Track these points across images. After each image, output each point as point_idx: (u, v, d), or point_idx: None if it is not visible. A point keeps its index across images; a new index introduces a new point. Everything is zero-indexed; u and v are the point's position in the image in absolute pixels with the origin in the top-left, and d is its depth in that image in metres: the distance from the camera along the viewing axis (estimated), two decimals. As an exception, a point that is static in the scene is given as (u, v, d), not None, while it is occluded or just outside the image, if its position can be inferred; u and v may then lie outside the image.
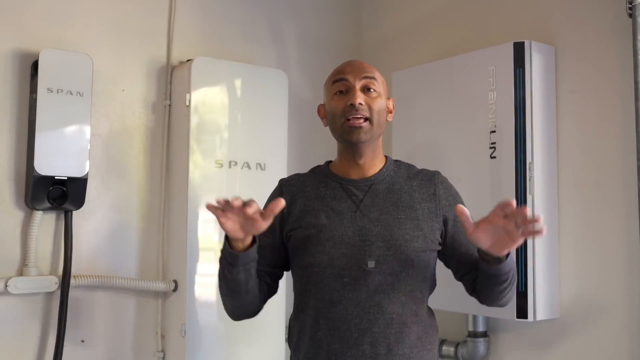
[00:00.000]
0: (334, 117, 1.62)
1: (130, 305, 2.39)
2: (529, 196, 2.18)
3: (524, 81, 2.21)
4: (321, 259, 1.57)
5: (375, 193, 1.62)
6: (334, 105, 1.63)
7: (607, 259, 2.14)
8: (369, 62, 2.97)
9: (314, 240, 1.59)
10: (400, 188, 1.64)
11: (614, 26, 2.14)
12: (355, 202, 1.61)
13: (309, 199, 1.64)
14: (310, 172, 1.73)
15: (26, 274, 2.15)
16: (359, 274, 1.55)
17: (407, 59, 2.81)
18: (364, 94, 1.60)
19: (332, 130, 1.67)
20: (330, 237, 1.58)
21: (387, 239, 1.57)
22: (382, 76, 1.69)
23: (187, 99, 2.39)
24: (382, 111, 1.63)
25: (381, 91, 1.64)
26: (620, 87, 2.13)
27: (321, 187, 1.65)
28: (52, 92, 2.15)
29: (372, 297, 1.55)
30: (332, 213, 1.60)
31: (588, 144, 2.21)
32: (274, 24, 2.82)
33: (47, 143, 2.14)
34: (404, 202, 1.62)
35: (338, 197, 1.62)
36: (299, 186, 1.68)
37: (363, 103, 1.58)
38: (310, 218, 1.62)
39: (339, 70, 1.67)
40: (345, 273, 1.55)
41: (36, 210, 2.17)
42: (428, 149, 2.50)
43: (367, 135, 1.59)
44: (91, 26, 2.36)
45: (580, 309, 2.20)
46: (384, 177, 1.65)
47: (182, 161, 2.40)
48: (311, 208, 1.63)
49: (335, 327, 1.55)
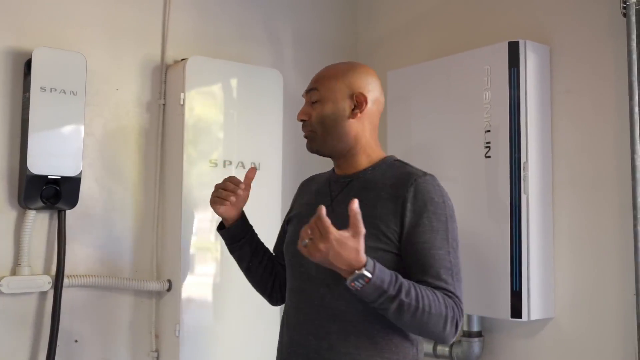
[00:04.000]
0: None
1: (124, 304, 2.38)
2: (523, 196, 2.18)
3: (519, 81, 2.21)
4: (290, 248, 1.67)
5: (350, 190, 1.62)
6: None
7: (602, 258, 2.14)
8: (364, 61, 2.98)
9: (291, 231, 1.71)
10: (373, 186, 1.58)
11: (608, 26, 2.14)
12: (330, 197, 1.65)
13: (308, 193, 1.76)
14: (324, 171, 1.82)
15: (19, 273, 2.14)
16: (309, 266, 1.54)
17: (403, 58, 2.81)
18: (309, 106, 1.67)
19: None
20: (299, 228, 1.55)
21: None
22: (339, 75, 1.63)
23: (182, 99, 2.38)
24: (328, 117, 1.61)
25: (325, 96, 1.62)
26: (614, 86, 2.13)
27: (320, 183, 1.75)
28: (45, 91, 2.14)
29: (317, 289, 1.57)
30: (308, 207, 1.66)
31: (583, 143, 2.21)
32: (270, 23, 2.82)
33: (40, 142, 2.13)
34: (370, 200, 1.54)
35: (322, 192, 1.70)
36: (308, 185, 1.82)
37: (306, 118, 1.66)
38: (295, 211, 1.77)
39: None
40: (302, 263, 1.59)
41: (29, 209, 2.16)
42: (423, 148, 2.49)
43: (315, 143, 1.66)
44: (85, 25, 2.35)
45: (575, 308, 2.20)
46: (365, 175, 1.62)
47: (176, 160, 2.40)
48: (301, 202, 1.77)
49: (290, 314, 1.66)
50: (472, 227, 2.29)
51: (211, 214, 2.15)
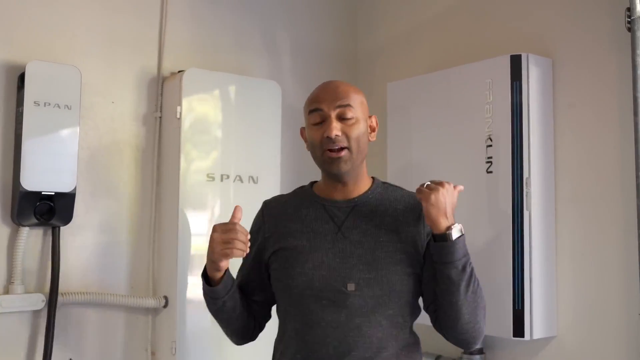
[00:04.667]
0: (314, 147, 1.59)
1: (120, 321, 2.34)
2: (525, 212, 2.14)
3: (521, 94, 2.17)
4: (300, 280, 1.54)
5: (357, 214, 1.59)
6: (312, 135, 1.59)
7: (605, 276, 2.10)
8: (363, 72, 3.00)
9: (294, 261, 1.57)
10: (384, 210, 1.61)
11: (612, 39, 2.10)
12: (336, 224, 1.58)
13: (290, 220, 1.62)
14: (293, 194, 1.71)
15: (12, 291, 2.11)
16: (338, 296, 1.52)
17: (403, 70, 2.77)
18: (341, 122, 1.56)
19: (313, 157, 1.63)
20: (310, 258, 1.55)
21: (369, 262, 1.53)
22: (360, 95, 1.63)
23: (178, 112, 2.34)
24: (362, 136, 1.58)
25: (359, 115, 1.58)
26: (618, 101, 2.09)
27: (303, 208, 1.62)
28: (39, 105, 2.11)
29: (352, 319, 1.51)
30: (312, 234, 1.57)
31: (586, 158, 2.17)
32: (268, 34, 2.78)
33: (33, 158, 2.10)
34: (387, 224, 1.58)
35: (320, 218, 1.59)
36: (281, 208, 1.66)
37: (339, 134, 1.54)
38: (290, 240, 1.59)
39: (314, 98, 1.62)
40: (324, 295, 1.52)
41: (22, 226, 2.12)
42: (423, 161, 2.45)
43: (347, 165, 1.56)
44: (80, 37, 2.32)
45: (578, 326, 2.16)
46: (368, 199, 1.62)
47: (173, 174, 2.36)
48: (292, 230, 1.60)
49: (314, 349, 1.52)
50: (473, 244, 2.22)
51: (208, 229, 2.11)
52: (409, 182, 2.45)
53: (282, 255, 1.59)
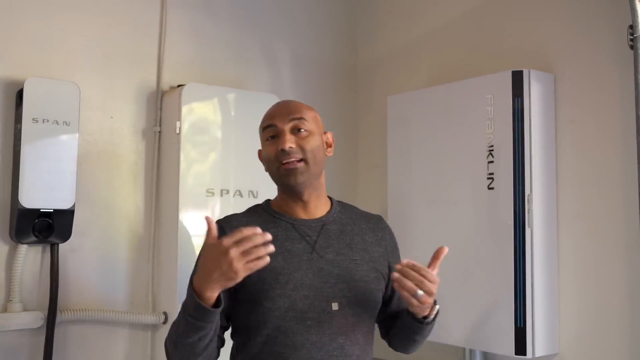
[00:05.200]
0: (270, 162, 1.59)
1: (119, 338, 2.33)
2: (527, 229, 2.13)
3: (523, 110, 2.16)
4: (281, 302, 1.49)
5: (328, 234, 1.58)
6: (267, 151, 1.59)
7: (608, 293, 2.09)
8: (363, 85, 2.99)
9: (272, 282, 1.49)
10: (351, 230, 1.62)
11: (614, 57, 2.09)
12: (309, 243, 1.56)
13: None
14: (251, 212, 1.64)
15: (11, 310, 2.09)
16: (323, 316, 1.51)
17: (403, 83, 2.76)
18: (295, 135, 1.56)
19: (270, 175, 1.62)
20: (290, 279, 1.51)
21: (348, 281, 1.54)
22: (313, 112, 1.63)
23: (178, 127, 2.33)
24: (317, 149, 1.57)
25: (312, 128, 1.58)
26: (620, 117, 2.08)
27: (271, 227, 1.53)
28: (37, 122, 2.09)
29: (335, 339, 1.51)
30: (287, 254, 1.53)
31: (588, 175, 2.16)
32: (267, 47, 2.76)
33: (32, 175, 2.08)
34: (357, 244, 1.61)
35: (291, 237, 1.56)
36: (245, 227, 1.50)
37: (293, 146, 1.54)
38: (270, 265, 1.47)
39: (267, 115, 1.62)
40: (309, 316, 1.50)
41: (21, 243, 2.11)
42: (423, 178, 2.44)
43: (303, 175, 1.55)
44: (78, 52, 2.30)
45: (581, 344, 2.15)
46: (335, 218, 1.62)
47: (172, 189, 2.35)
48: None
49: None
50: (475, 261, 2.24)
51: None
52: (410, 197, 2.47)
53: (257, 277, 1.45)
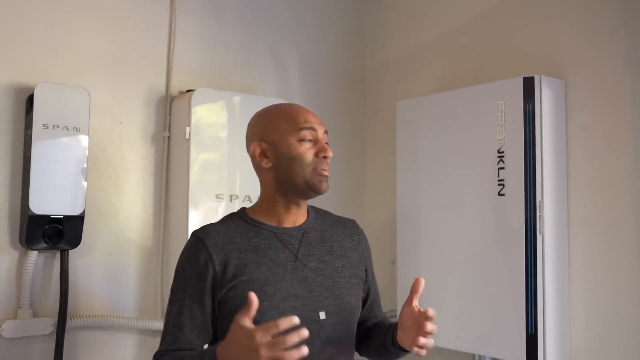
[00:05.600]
0: (302, 164, 1.52)
1: (129, 344, 2.33)
2: (538, 236, 2.12)
3: (534, 117, 2.15)
4: (271, 314, 1.42)
5: (309, 241, 1.57)
6: (302, 151, 1.52)
7: (619, 300, 2.09)
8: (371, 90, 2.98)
9: (260, 295, 1.40)
10: (330, 236, 1.61)
11: (626, 62, 2.08)
12: (292, 252, 1.53)
13: (242, 251, 1.49)
14: (229, 221, 1.57)
15: (20, 316, 2.09)
16: (312, 326, 1.43)
17: (411, 88, 2.75)
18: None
19: (287, 174, 1.53)
20: (277, 289, 1.47)
21: (332, 289, 1.53)
22: None
23: (187, 133, 2.32)
24: None
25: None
26: (631, 124, 2.08)
27: (252, 237, 1.51)
28: (47, 128, 2.09)
29: (324, 349, 1.49)
30: (272, 264, 1.49)
31: (599, 181, 2.15)
32: (275, 53, 2.76)
33: (42, 181, 2.08)
34: (337, 250, 1.60)
35: (274, 247, 1.52)
36: (225, 237, 1.50)
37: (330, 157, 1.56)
38: (249, 271, 1.47)
39: (304, 116, 1.56)
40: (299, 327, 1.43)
41: (31, 250, 2.10)
42: (432, 184, 2.44)
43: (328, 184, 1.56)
44: (88, 57, 2.29)
45: (592, 350, 2.14)
46: (314, 225, 1.61)
47: (181, 195, 2.34)
48: (248, 261, 1.48)
49: None
50: (485, 268, 2.24)
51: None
52: (419, 202, 2.47)
53: (243, 288, 1.43)
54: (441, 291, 2.32)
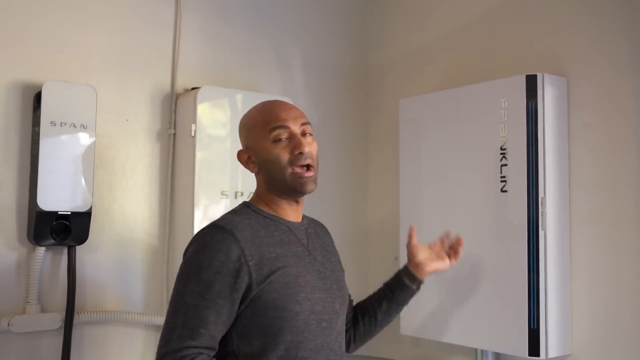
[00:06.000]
0: (278, 166, 1.51)
1: (135, 339, 2.35)
2: (541, 232, 2.14)
3: (537, 114, 2.17)
4: (306, 305, 1.47)
5: (311, 237, 1.62)
6: (276, 153, 1.51)
7: (621, 295, 2.11)
8: (375, 88, 3.00)
9: (295, 286, 1.47)
10: (318, 233, 1.68)
11: (628, 61, 2.10)
12: (304, 246, 1.56)
13: (270, 244, 1.49)
14: (245, 214, 1.54)
15: (29, 311, 2.11)
16: (332, 317, 1.54)
17: (414, 86, 2.77)
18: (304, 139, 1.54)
19: (271, 178, 1.54)
20: (306, 282, 1.50)
21: (337, 281, 1.61)
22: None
23: (193, 130, 2.34)
24: (318, 155, 1.57)
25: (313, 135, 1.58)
26: (633, 122, 2.10)
27: (273, 230, 1.52)
28: (55, 125, 2.11)
29: (338, 339, 1.57)
30: (295, 258, 1.52)
31: (601, 178, 2.17)
32: (280, 51, 2.78)
33: (50, 178, 2.10)
34: (328, 246, 1.68)
35: (292, 241, 1.54)
36: (251, 230, 1.48)
37: (310, 150, 1.52)
38: (280, 264, 1.47)
39: (274, 115, 1.54)
40: (324, 317, 1.50)
41: (39, 246, 2.12)
42: (435, 181, 2.46)
43: (315, 183, 1.54)
44: (95, 55, 2.31)
45: (594, 345, 2.16)
46: (309, 220, 1.67)
47: (187, 192, 2.37)
48: (278, 254, 1.49)
49: None
50: (488, 264, 2.26)
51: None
52: (422, 200, 2.49)
53: (280, 282, 1.45)
54: (444, 287, 2.34)
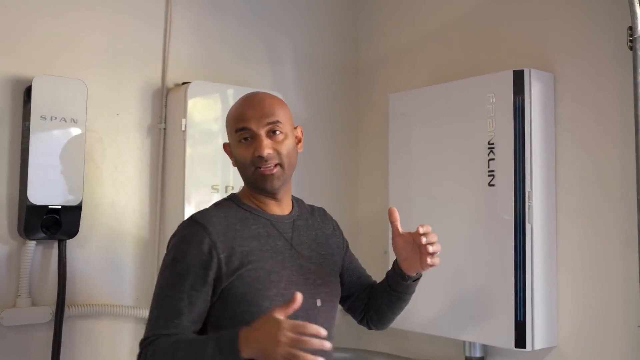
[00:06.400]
0: (243, 165, 1.55)
1: (126, 332, 2.36)
2: (527, 225, 2.17)
3: (524, 109, 2.20)
4: (277, 302, 1.45)
5: (299, 230, 1.60)
6: (240, 153, 1.54)
7: (606, 287, 2.14)
8: (365, 83, 3.02)
9: (266, 282, 1.48)
10: (312, 224, 1.66)
11: (614, 57, 2.13)
12: (287, 240, 1.56)
13: (244, 238, 1.50)
14: (225, 207, 1.56)
15: (19, 305, 2.12)
16: (311, 313, 1.52)
17: (404, 81, 2.79)
18: (270, 139, 1.52)
19: (242, 176, 1.58)
20: (281, 277, 1.50)
21: (323, 276, 1.59)
22: (286, 108, 1.60)
23: (183, 124, 2.36)
24: (292, 151, 1.56)
25: (287, 130, 1.56)
26: (619, 117, 2.12)
27: (251, 224, 1.53)
28: (45, 119, 2.12)
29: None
30: (272, 253, 1.52)
31: (587, 173, 2.20)
32: (270, 46, 2.79)
33: (40, 172, 2.10)
34: (320, 238, 1.66)
35: (272, 235, 1.54)
36: (226, 224, 1.50)
37: (271, 151, 1.51)
38: (253, 259, 1.48)
39: (239, 114, 1.56)
40: (299, 314, 1.42)
41: (29, 240, 2.13)
42: (424, 175, 2.48)
43: (279, 180, 1.54)
44: (85, 49, 2.32)
45: (579, 337, 2.20)
46: (299, 213, 1.65)
47: (177, 186, 2.38)
48: (252, 248, 1.50)
49: None
50: (475, 257, 2.28)
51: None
52: (411, 194, 2.51)
53: (250, 277, 1.47)
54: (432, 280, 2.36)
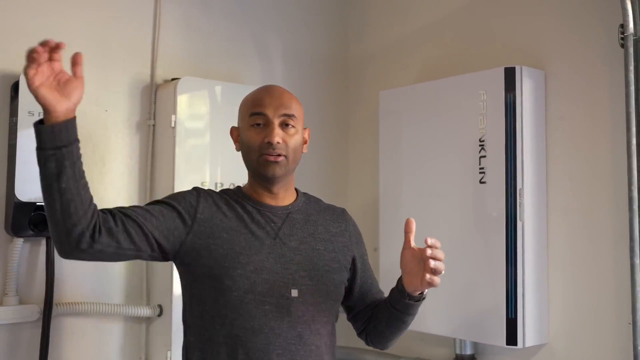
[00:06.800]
0: (250, 149, 1.58)
1: (115, 330, 2.34)
2: (519, 222, 2.17)
3: (515, 106, 2.20)
4: (241, 283, 1.49)
5: (292, 222, 1.61)
6: (250, 137, 1.58)
7: (596, 285, 2.15)
8: (355, 80, 3.01)
9: (233, 261, 1.50)
10: (315, 220, 1.65)
11: (605, 54, 2.14)
12: (273, 229, 1.57)
13: (226, 216, 1.56)
14: (224, 194, 1.64)
15: (7, 303, 2.09)
16: (282, 302, 1.51)
17: (394, 78, 2.79)
18: (282, 130, 1.56)
19: (245, 160, 1.63)
20: (251, 261, 1.51)
21: (309, 269, 1.57)
22: (301, 107, 1.63)
23: (173, 121, 2.34)
24: (298, 147, 1.60)
25: (299, 126, 1.60)
26: (610, 114, 2.13)
27: (238, 208, 1.58)
28: (33, 115, 2.08)
29: (294, 327, 1.52)
30: (250, 236, 1.54)
31: (578, 170, 2.21)
32: (260, 42, 2.78)
33: (28, 168, 2.06)
34: (320, 234, 1.63)
35: (256, 221, 1.57)
36: (214, 200, 1.59)
37: (281, 141, 1.54)
38: (226, 236, 1.53)
39: (258, 100, 1.60)
40: (267, 300, 1.49)
41: (17, 237, 2.10)
42: (415, 172, 2.48)
43: (282, 170, 1.56)
44: (73, 45, 2.25)
45: (569, 334, 2.21)
46: (300, 207, 1.65)
47: (166, 182, 2.36)
48: (229, 226, 1.54)
49: (257, 357, 1.48)
50: (467, 254, 2.28)
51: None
52: (401, 191, 2.51)
53: (218, 253, 1.51)
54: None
